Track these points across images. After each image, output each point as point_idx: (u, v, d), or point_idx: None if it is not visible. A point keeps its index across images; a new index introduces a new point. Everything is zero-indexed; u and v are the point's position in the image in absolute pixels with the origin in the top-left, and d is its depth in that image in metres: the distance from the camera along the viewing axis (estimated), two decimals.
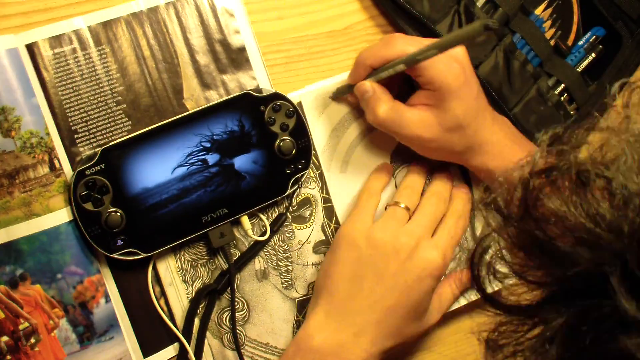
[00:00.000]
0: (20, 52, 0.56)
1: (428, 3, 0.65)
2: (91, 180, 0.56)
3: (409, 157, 0.66)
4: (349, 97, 0.65)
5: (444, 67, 0.57)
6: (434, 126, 0.58)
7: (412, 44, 0.57)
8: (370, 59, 0.59)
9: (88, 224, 0.56)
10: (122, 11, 0.59)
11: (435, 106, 0.58)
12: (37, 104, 0.56)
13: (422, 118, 0.58)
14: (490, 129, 0.60)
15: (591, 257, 0.31)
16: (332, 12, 0.67)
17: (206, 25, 0.62)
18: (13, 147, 0.55)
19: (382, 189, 0.64)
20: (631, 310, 0.29)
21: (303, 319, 0.64)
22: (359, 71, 0.61)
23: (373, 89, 0.59)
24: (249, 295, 0.63)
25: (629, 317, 0.29)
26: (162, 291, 0.61)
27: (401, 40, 0.58)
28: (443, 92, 0.57)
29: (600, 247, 0.31)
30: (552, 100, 0.69)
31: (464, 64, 0.58)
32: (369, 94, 0.59)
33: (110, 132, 0.59)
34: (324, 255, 0.65)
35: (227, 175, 0.59)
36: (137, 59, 0.60)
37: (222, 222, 0.60)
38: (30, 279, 0.55)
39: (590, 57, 0.73)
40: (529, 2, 0.70)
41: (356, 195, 0.66)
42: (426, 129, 0.59)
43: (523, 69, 0.68)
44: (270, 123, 0.61)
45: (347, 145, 0.66)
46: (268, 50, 0.64)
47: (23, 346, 0.55)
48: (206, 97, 0.61)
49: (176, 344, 0.61)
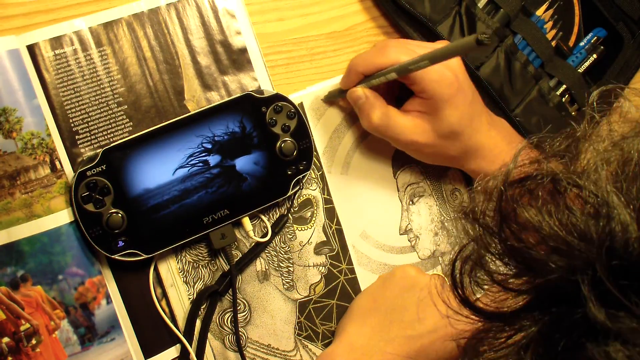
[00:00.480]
0: (21, 53, 0.56)
1: (429, 4, 0.65)
2: (92, 182, 0.56)
3: (411, 158, 0.66)
4: (341, 102, 0.65)
5: (437, 77, 0.57)
6: (428, 132, 0.58)
7: (405, 52, 0.57)
8: (362, 66, 0.59)
9: (89, 225, 0.56)
10: (123, 12, 0.59)
11: (429, 113, 0.58)
12: (38, 105, 0.56)
13: (416, 124, 0.59)
14: (486, 134, 0.60)
15: (564, 265, 0.31)
16: (334, 14, 0.67)
17: (207, 27, 0.62)
18: (14, 148, 0.55)
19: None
20: (600, 317, 0.29)
21: (304, 320, 0.64)
22: (350, 77, 0.61)
23: (366, 95, 0.59)
24: (250, 296, 0.63)
25: (597, 324, 0.29)
26: (164, 292, 0.61)
27: (394, 48, 0.58)
28: (437, 101, 0.57)
29: (573, 256, 0.31)
30: (554, 101, 0.69)
31: (457, 72, 0.58)
32: (362, 101, 0.59)
33: (112, 133, 0.59)
34: (325, 256, 0.65)
35: (228, 176, 0.59)
36: (138, 60, 0.60)
37: (223, 223, 0.60)
38: (31, 280, 0.55)
39: (592, 58, 0.73)
40: (530, 3, 0.70)
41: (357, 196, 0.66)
42: (420, 135, 0.59)
43: (524, 70, 0.68)
44: (272, 124, 0.61)
45: (349, 147, 0.66)
46: (269, 52, 0.64)
47: (24, 347, 0.55)
48: (207, 98, 0.61)
49: (178, 345, 0.61)
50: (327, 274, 0.65)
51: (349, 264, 0.66)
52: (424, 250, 0.69)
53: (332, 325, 0.65)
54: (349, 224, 0.66)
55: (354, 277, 0.66)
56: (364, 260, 0.66)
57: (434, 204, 0.70)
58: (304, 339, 0.64)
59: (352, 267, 0.66)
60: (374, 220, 0.67)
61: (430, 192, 0.69)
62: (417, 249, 0.69)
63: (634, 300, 0.29)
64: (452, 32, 0.66)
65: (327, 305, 0.65)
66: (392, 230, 0.68)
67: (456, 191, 0.70)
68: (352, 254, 0.66)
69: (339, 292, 0.65)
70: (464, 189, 0.70)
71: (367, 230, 0.67)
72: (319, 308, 0.65)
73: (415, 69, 0.54)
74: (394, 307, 0.60)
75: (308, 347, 0.64)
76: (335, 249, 0.65)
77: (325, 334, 0.65)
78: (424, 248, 0.69)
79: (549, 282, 0.32)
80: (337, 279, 0.65)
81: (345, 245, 0.66)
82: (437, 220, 0.69)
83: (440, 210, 0.70)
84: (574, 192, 0.33)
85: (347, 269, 0.66)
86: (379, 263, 0.67)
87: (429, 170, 0.69)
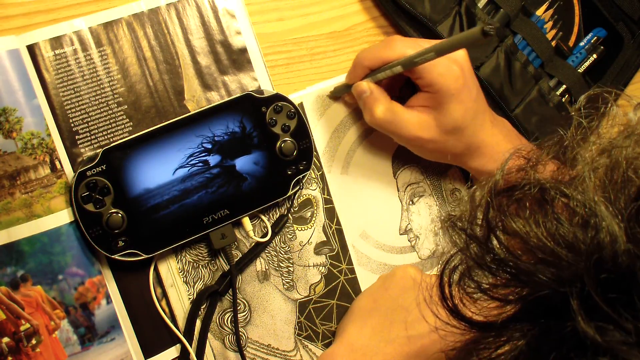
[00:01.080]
0: (21, 53, 0.56)
1: (429, 4, 0.65)
2: (92, 181, 0.56)
3: (411, 158, 0.66)
4: (347, 98, 0.65)
5: (444, 70, 0.57)
6: (432, 128, 0.58)
7: (411, 46, 0.57)
8: (368, 60, 0.59)
9: (89, 225, 0.56)
10: (123, 12, 0.59)
11: (433, 108, 0.58)
12: (38, 104, 0.56)
13: (420, 120, 0.58)
14: (489, 131, 0.60)
15: (553, 277, 0.30)
16: (334, 14, 0.67)
17: (207, 26, 0.62)
18: (14, 148, 0.55)
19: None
20: (589, 333, 0.28)
21: (304, 320, 0.64)
22: (356, 71, 0.61)
23: (370, 89, 0.59)
24: (250, 296, 0.63)
25: (587, 339, 0.28)
26: (164, 292, 0.61)
27: (400, 42, 0.58)
28: (442, 95, 0.57)
29: (561, 267, 0.30)
30: (554, 101, 0.69)
31: (463, 66, 0.58)
32: (366, 94, 0.59)
33: (112, 133, 0.59)
34: (325, 256, 0.65)
35: (228, 176, 0.59)
36: (138, 60, 0.60)
37: (223, 223, 0.60)
38: (31, 280, 0.55)
39: (592, 58, 0.73)
40: (530, 3, 0.70)
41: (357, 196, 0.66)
42: (424, 130, 0.59)
43: (524, 70, 0.68)
44: (272, 124, 0.61)
45: (349, 147, 0.66)
46: (269, 52, 0.64)
47: (24, 347, 0.55)
48: (207, 98, 0.61)
49: (178, 345, 0.61)
50: (327, 274, 0.65)
51: (349, 264, 0.66)
52: (424, 250, 0.69)
53: (333, 325, 0.65)
54: (349, 224, 0.66)
55: (354, 277, 0.66)
56: (364, 260, 0.66)
57: (434, 204, 0.70)
58: (304, 339, 0.64)
59: (352, 267, 0.66)
60: (374, 220, 0.67)
61: (430, 192, 0.69)
62: (417, 249, 0.69)
63: (623, 315, 0.28)
64: (452, 32, 0.66)
65: (327, 305, 0.65)
66: (392, 230, 0.68)
67: (456, 191, 0.70)
68: (352, 254, 0.66)
69: (339, 292, 0.65)
70: (464, 189, 0.70)
71: (367, 230, 0.67)
72: (319, 308, 0.65)
73: (421, 62, 0.54)
74: (395, 308, 0.60)
75: (308, 347, 0.64)
76: (335, 249, 0.65)
77: (325, 334, 0.65)
78: (424, 248, 0.69)
79: (537, 294, 0.31)
80: (337, 279, 0.65)
81: (345, 245, 0.66)
82: (437, 221, 0.69)
83: (440, 210, 0.70)
84: (562, 201, 0.32)
85: (347, 269, 0.66)
86: (379, 263, 0.67)
87: (429, 170, 0.69)
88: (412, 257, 0.69)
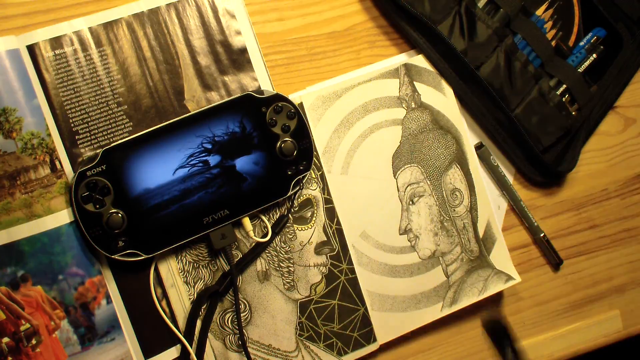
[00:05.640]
0: (21, 53, 0.56)
1: (429, 4, 0.65)
2: (92, 182, 0.56)
3: (411, 158, 0.66)
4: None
5: None
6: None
7: None
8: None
9: (89, 225, 0.56)
10: (123, 12, 0.59)
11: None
12: (38, 105, 0.56)
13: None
14: None
15: None
16: (333, 14, 0.67)
17: (207, 27, 0.62)
18: (14, 148, 0.55)
19: None
20: None
21: (305, 320, 0.64)
22: None
23: None
24: (250, 296, 0.63)
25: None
26: (164, 292, 0.61)
27: None
28: None
29: None
30: (554, 101, 0.69)
31: None
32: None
33: (112, 133, 0.59)
34: (325, 256, 0.65)
35: (228, 176, 0.59)
36: (138, 60, 0.60)
37: (223, 223, 0.59)
38: (31, 280, 0.55)
39: (592, 57, 0.73)
40: (530, 3, 0.70)
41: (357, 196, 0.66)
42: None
43: (524, 70, 0.68)
44: (272, 124, 0.61)
45: (348, 147, 0.66)
46: (269, 52, 0.64)
47: (24, 347, 0.54)
48: (207, 99, 0.61)
49: (178, 346, 0.61)
50: (328, 274, 0.65)
51: (349, 263, 0.66)
52: (424, 250, 0.69)
53: (334, 325, 0.65)
54: (349, 224, 0.66)
55: (354, 277, 0.66)
56: (364, 260, 0.66)
57: (434, 204, 0.70)
58: (306, 339, 0.64)
59: (352, 267, 0.66)
60: (374, 220, 0.67)
61: (430, 192, 0.69)
62: (417, 249, 0.69)
63: None
64: (452, 31, 0.66)
65: (329, 306, 0.65)
66: (392, 230, 0.68)
67: (456, 191, 0.70)
68: (352, 254, 0.66)
69: (340, 292, 0.65)
70: (464, 189, 0.70)
71: (367, 230, 0.67)
72: (320, 308, 0.65)
73: None
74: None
75: (310, 348, 0.64)
76: (335, 248, 0.65)
77: (327, 334, 0.65)
78: (423, 248, 0.69)
79: None
80: (338, 279, 0.65)
81: (346, 245, 0.66)
82: (437, 220, 0.69)
83: (440, 210, 0.70)
84: None
85: (347, 269, 0.66)
86: (379, 263, 0.67)
87: (429, 170, 0.69)
88: (412, 257, 0.69)
